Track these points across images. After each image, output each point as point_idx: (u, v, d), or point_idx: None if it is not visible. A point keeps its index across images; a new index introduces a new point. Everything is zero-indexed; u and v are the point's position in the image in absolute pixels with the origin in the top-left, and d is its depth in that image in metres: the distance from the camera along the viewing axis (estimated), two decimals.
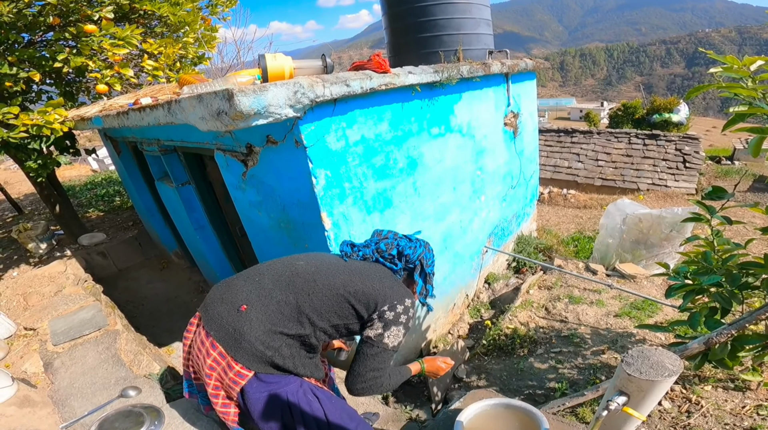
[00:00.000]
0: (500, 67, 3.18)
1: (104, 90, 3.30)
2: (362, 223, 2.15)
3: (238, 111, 1.44)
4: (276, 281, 1.35)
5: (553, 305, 3.32)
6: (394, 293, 1.34)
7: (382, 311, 1.32)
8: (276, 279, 1.36)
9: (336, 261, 1.45)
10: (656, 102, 18.90)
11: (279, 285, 1.34)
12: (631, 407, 1.16)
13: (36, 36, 3.34)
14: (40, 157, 3.55)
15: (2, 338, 2.69)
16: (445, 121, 2.66)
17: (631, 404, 1.17)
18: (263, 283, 1.35)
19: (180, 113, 1.74)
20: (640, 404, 1.17)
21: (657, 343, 2.61)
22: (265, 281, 1.36)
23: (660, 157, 9.84)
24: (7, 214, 6.76)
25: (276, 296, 1.31)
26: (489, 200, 3.42)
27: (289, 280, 1.35)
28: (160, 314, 3.81)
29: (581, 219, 8.22)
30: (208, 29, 4.23)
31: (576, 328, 2.95)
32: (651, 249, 4.49)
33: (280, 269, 1.40)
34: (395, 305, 1.31)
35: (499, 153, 3.44)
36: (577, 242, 5.71)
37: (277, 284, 1.34)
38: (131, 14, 3.62)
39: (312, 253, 1.55)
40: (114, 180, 8.51)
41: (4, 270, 3.96)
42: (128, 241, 4.74)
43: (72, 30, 3.14)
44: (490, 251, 3.69)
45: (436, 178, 2.65)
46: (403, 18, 3.76)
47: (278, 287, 1.33)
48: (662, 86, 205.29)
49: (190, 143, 2.49)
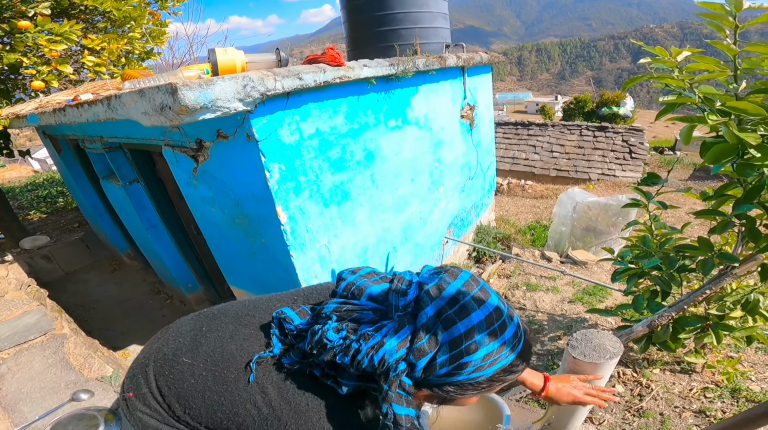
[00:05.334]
0: (456, 61, 3.23)
1: (40, 87, 3.10)
2: (319, 215, 2.14)
3: (182, 105, 1.40)
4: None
5: (512, 293, 3.44)
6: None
7: None
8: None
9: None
10: (605, 96, 19.92)
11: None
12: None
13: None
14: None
15: None
16: (402, 113, 2.68)
17: None
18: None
19: (121, 108, 1.67)
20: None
21: (608, 327, 2.73)
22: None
23: (608, 148, 10.37)
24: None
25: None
26: (448, 191, 3.49)
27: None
28: (114, 317, 3.65)
29: (538, 209, 8.53)
30: (157, 24, 4.03)
31: (534, 315, 3.06)
32: (600, 236, 4.74)
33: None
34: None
35: (456, 145, 3.52)
36: (534, 230, 5.94)
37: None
38: (71, 10, 3.42)
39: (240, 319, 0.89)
40: (56, 180, 8.00)
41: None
42: (74, 243, 4.50)
43: (4, 26, 2.94)
44: (450, 242, 3.77)
45: (395, 170, 2.68)
46: (361, 11, 3.75)
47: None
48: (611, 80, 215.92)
49: (136, 140, 2.39)
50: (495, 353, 0.65)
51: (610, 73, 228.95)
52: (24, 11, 2.93)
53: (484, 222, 4.51)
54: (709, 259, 1.66)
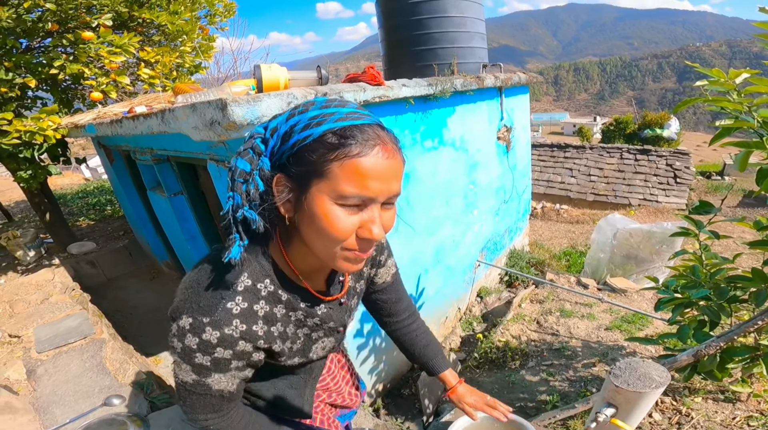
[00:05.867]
0: (494, 81, 3.20)
1: (99, 98, 3.28)
2: None
3: (231, 121, 1.44)
4: None
5: (545, 318, 3.32)
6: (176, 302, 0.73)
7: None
8: None
9: None
10: (648, 117, 19.21)
11: None
12: (619, 419, 1.16)
13: (34, 42, 3.31)
14: (31, 166, 3.50)
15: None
16: (438, 134, 2.67)
17: (619, 416, 1.17)
18: None
19: (173, 122, 1.73)
20: (629, 416, 1.17)
21: (647, 355, 2.63)
22: None
23: (651, 172, 9.94)
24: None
25: None
26: (482, 214, 3.43)
27: None
28: (149, 324, 3.76)
29: (573, 234, 8.24)
30: (206, 39, 4.24)
31: (567, 341, 2.96)
32: (641, 263, 4.52)
33: None
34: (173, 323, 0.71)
35: (491, 167, 3.47)
36: (569, 256, 5.73)
37: None
38: (130, 22, 3.62)
39: None
40: (106, 189, 8.43)
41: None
42: (118, 250, 4.69)
43: (69, 37, 3.12)
44: (482, 265, 3.69)
45: (430, 192, 2.66)
46: (398, 31, 3.80)
47: None
48: (654, 101, 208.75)
49: (183, 153, 2.49)
50: (324, 114, 0.61)
51: (653, 94, 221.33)
52: (88, 22, 3.09)
53: (518, 246, 4.39)
54: (763, 290, 1.58)
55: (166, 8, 3.68)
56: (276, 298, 0.73)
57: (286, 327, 0.76)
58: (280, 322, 0.74)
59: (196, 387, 0.71)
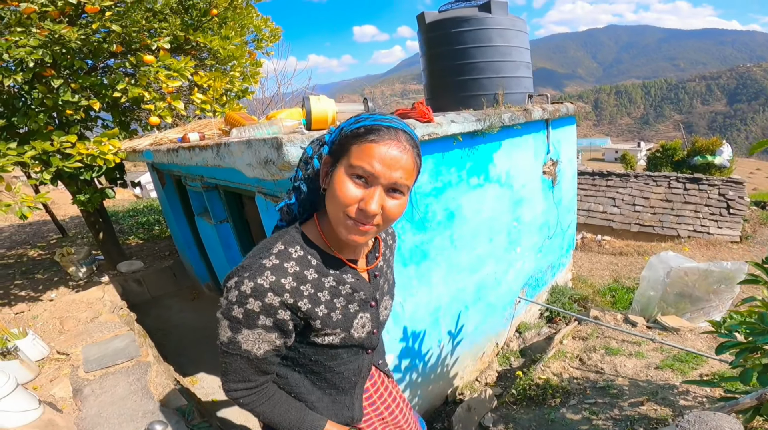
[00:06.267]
0: (541, 113, 3.12)
1: (156, 122, 3.38)
2: (397, 275, 2.10)
3: (285, 161, 1.45)
4: None
5: (588, 355, 3.17)
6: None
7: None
8: None
9: None
10: (697, 143, 18.28)
11: None
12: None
13: (99, 62, 3.44)
14: (89, 189, 3.62)
15: (34, 360, 2.75)
16: (484, 170, 2.61)
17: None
18: None
19: (228, 157, 1.77)
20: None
21: (701, 395, 2.49)
22: None
23: (702, 202, 9.42)
24: (52, 235, 6.97)
25: None
26: (524, 251, 3.31)
27: None
28: (187, 343, 3.82)
29: (617, 266, 7.86)
30: (253, 64, 4.33)
31: (613, 379, 2.81)
32: (696, 302, 4.26)
33: None
34: (224, 287, 0.85)
35: (536, 203, 3.36)
36: (615, 292, 5.45)
37: None
38: (185, 45, 3.75)
39: None
40: (155, 208, 8.68)
41: (43, 291, 4.08)
42: (163, 270, 4.83)
43: (132, 59, 3.26)
44: (522, 301, 3.54)
45: (474, 230, 2.59)
46: (441, 60, 3.76)
47: None
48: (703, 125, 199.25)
49: (232, 183, 2.54)
50: (366, 118, 0.81)
51: (702, 117, 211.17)
52: (149, 44, 3.22)
53: (560, 282, 4.21)
54: None
55: (218, 32, 3.80)
56: (306, 261, 0.85)
57: (319, 292, 0.86)
58: (310, 283, 0.85)
59: (229, 346, 0.83)
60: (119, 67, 3.40)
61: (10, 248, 6.40)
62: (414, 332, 2.40)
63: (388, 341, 2.18)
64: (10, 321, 3.36)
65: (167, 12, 3.29)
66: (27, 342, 2.74)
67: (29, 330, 2.86)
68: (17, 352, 2.56)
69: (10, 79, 2.72)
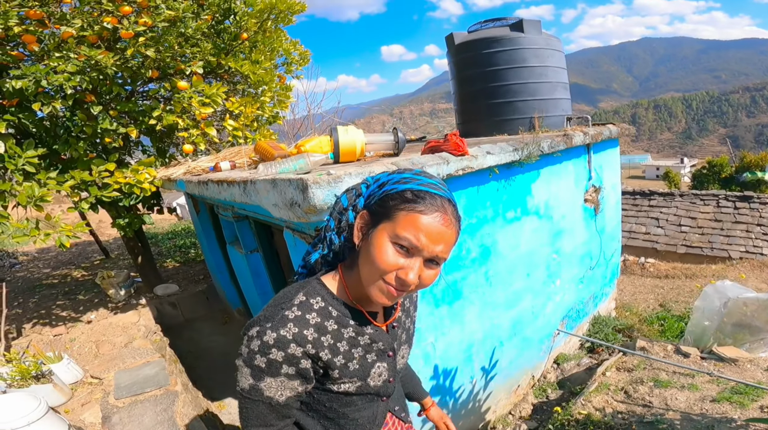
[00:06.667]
0: (582, 138, 2.93)
1: (190, 151, 3.43)
2: (429, 315, 2.00)
3: (311, 205, 1.39)
4: None
5: (635, 388, 2.93)
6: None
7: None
8: None
9: None
10: (746, 158, 17.29)
11: None
12: None
13: (137, 87, 3.51)
14: (128, 215, 3.71)
15: (67, 383, 2.79)
16: (521, 203, 2.48)
17: None
18: None
19: (254, 195, 1.74)
20: None
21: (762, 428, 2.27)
22: None
23: (753, 221, 8.89)
24: (96, 256, 7.23)
25: None
26: (564, 284, 3.12)
27: None
28: (217, 367, 3.82)
29: (662, 290, 7.41)
30: (283, 88, 4.33)
31: (663, 413, 2.59)
32: (757, 333, 3.94)
33: None
34: (245, 336, 0.86)
35: (577, 233, 3.17)
36: (663, 320, 5.08)
37: None
38: (218, 69, 3.79)
39: None
40: (192, 231, 8.82)
41: (83, 312, 4.20)
42: (197, 294, 4.93)
43: (167, 85, 3.31)
44: (562, 334, 3.33)
45: (510, 265, 2.45)
46: (472, 83, 3.64)
47: None
48: (749, 138, 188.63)
49: (261, 216, 2.52)
50: (413, 179, 0.81)
51: (748, 130, 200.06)
52: (183, 69, 3.27)
53: (603, 312, 3.95)
54: None
55: (249, 56, 3.84)
56: (327, 313, 0.86)
57: (338, 342, 0.87)
58: (330, 334, 0.86)
59: (251, 393, 0.84)
60: (155, 93, 3.47)
61: (55, 267, 6.64)
62: (445, 369, 2.28)
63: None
64: (48, 343, 3.45)
65: (199, 36, 3.33)
66: (62, 366, 2.79)
67: (64, 354, 2.91)
68: (51, 376, 2.59)
69: (49, 106, 2.78)
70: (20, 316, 4.24)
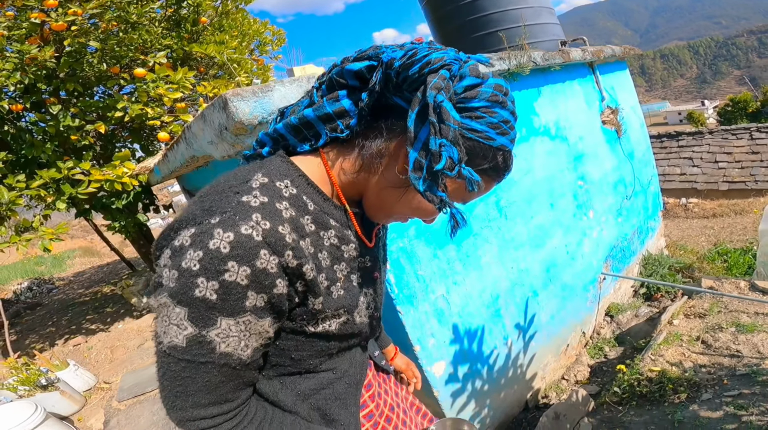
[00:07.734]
0: (582, 55, 2.68)
1: (166, 138, 3.29)
2: (433, 258, 1.64)
3: (236, 122, 1.07)
4: None
5: (714, 336, 2.58)
6: (181, 215, 0.53)
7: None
8: None
9: None
10: None
11: None
12: None
13: (96, 84, 3.50)
14: (121, 216, 3.66)
15: (81, 390, 2.75)
16: (525, 122, 2.16)
17: None
18: None
19: (195, 141, 1.48)
20: None
21: None
22: None
23: None
24: (124, 272, 7.48)
25: None
26: (599, 216, 2.75)
27: None
28: None
29: (712, 230, 6.91)
30: (260, 68, 4.41)
31: (758, 363, 2.28)
32: None
33: None
34: (165, 249, 0.52)
35: (603, 157, 2.84)
36: (726, 255, 4.54)
37: None
38: (189, 60, 3.82)
39: None
40: None
41: (110, 323, 4.28)
42: None
43: (126, 75, 3.26)
44: (608, 278, 2.94)
45: (526, 193, 2.12)
46: (450, 21, 3.41)
47: None
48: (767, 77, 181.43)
49: None
50: (508, 120, 0.57)
51: (764, 69, 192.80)
52: (146, 61, 3.19)
53: (653, 250, 3.52)
54: None
55: (214, 38, 3.83)
56: (301, 204, 0.56)
57: (319, 252, 0.58)
58: (309, 239, 0.56)
59: (191, 350, 0.49)
60: (114, 85, 3.41)
61: (88, 287, 7.04)
62: (468, 330, 1.89)
63: (435, 346, 1.68)
64: (68, 353, 3.49)
65: (146, 23, 3.25)
66: (69, 373, 2.74)
67: (70, 361, 2.87)
68: (58, 384, 2.55)
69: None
70: (53, 334, 4.36)
